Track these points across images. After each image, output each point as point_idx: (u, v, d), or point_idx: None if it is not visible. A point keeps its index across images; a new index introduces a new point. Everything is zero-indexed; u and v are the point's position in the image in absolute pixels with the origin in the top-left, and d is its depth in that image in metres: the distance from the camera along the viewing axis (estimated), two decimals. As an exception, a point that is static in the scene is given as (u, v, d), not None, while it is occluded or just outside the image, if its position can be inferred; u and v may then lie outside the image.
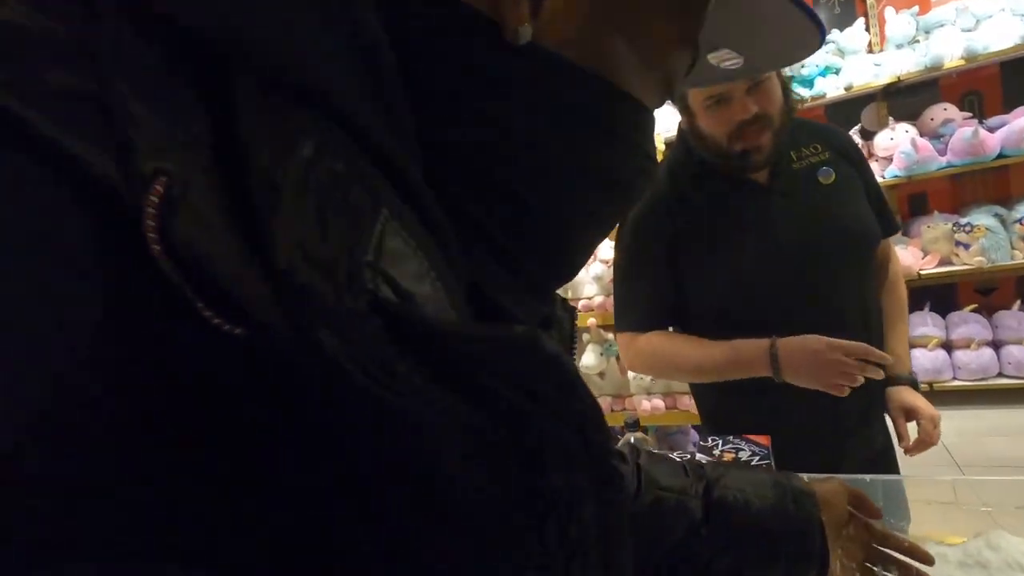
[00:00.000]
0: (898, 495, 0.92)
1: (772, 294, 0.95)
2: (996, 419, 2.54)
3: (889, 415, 1.00)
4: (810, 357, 0.87)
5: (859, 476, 0.89)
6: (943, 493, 0.89)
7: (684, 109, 0.96)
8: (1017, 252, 2.64)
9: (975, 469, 2.31)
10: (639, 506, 0.52)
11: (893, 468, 1.06)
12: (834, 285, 0.95)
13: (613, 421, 1.98)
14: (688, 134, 0.98)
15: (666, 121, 3.20)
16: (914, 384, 1.01)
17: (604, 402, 1.99)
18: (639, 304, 1.04)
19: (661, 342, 1.02)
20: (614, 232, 1.08)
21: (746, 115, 0.89)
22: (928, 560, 0.59)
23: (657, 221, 0.99)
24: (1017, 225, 2.63)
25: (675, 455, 0.94)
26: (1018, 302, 2.73)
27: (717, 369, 0.97)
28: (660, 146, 2.37)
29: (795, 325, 0.94)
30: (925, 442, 0.96)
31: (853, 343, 0.85)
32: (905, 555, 0.59)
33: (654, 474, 0.54)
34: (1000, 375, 2.70)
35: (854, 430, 0.99)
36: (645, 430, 2.11)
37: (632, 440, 1.03)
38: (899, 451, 1.10)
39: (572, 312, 0.39)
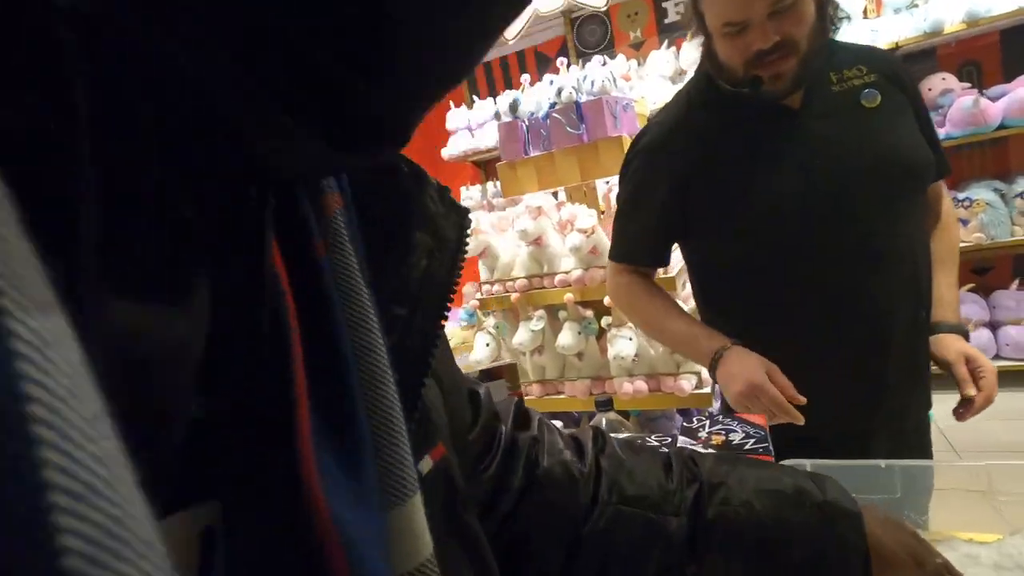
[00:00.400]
0: (920, 483, 0.78)
1: (799, 231, 0.84)
2: (994, 402, 2.45)
3: (944, 362, 0.89)
4: (741, 380, 0.84)
5: (875, 462, 0.75)
6: (974, 481, 0.75)
7: (701, 27, 0.86)
8: (1017, 228, 2.53)
9: (973, 455, 2.22)
10: (590, 525, 0.36)
11: (926, 451, 0.95)
12: (876, 222, 0.83)
13: (590, 405, 1.83)
14: (706, 58, 0.88)
15: (655, 93, 3.06)
16: (965, 333, 0.89)
17: (583, 385, 1.83)
18: (632, 237, 1.00)
19: (638, 292, 1.01)
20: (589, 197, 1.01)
21: (765, 44, 0.78)
22: None
23: (669, 151, 0.91)
24: (1018, 200, 2.52)
25: (653, 438, 0.79)
26: (1016, 282, 2.63)
27: (672, 343, 1.00)
28: (645, 112, 2.21)
29: (820, 272, 0.84)
30: (989, 398, 0.86)
31: (781, 399, 0.81)
32: None
33: (620, 477, 0.38)
34: (997, 357, 2.61)
35: (892, 395, 0.89)
36: (627, 415, 1.96)
37: (604, 423, 0.87)
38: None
39: (462, 215, 0.25)
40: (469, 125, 3.43)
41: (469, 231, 0.24)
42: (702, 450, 0.70)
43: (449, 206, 0.24)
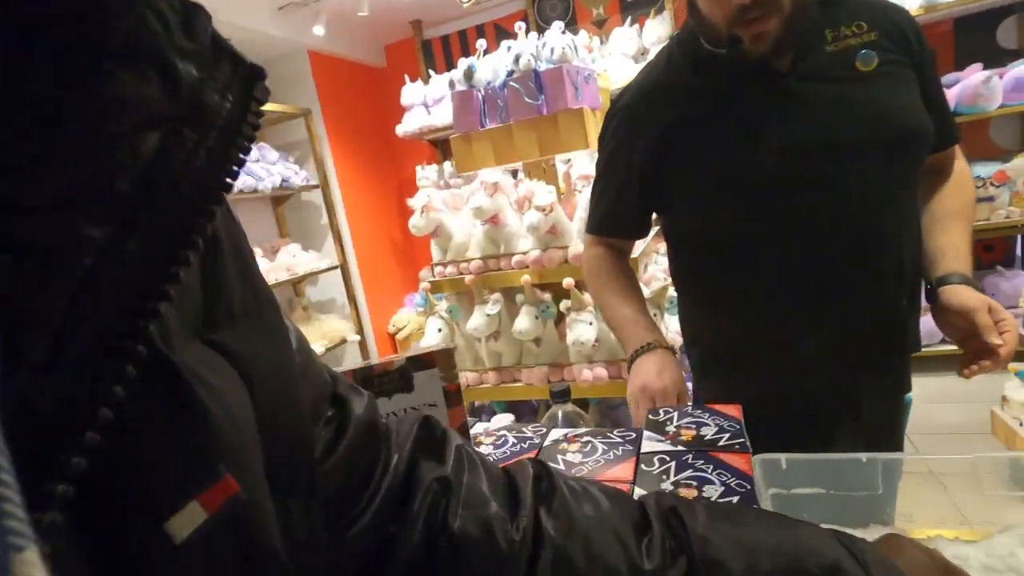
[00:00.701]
0: (895, 476, 0.72)
1: (781, 205, 0.78)
2: (940, 386, 2.51)
3: (964, 310, 0.80)
4: (645, 376, 0.82)
5: (855, 456, 0.68)
6: (960, 474, 0.70)
7: None
8: (966, 215, 2.57)
9: (926, 438, 2.27)
10: None
11: (900, 435, 0.92)
12: (863, 198, 0.77)
13: (547, 393, 1.75)
14: (689, 12, 0.82)
15: (618, 73, 2.98)
16: (977, 287, 0.82)
17: (540, 372, 1.74)
18: (608, 205, 0.96)
19: (604, 266, 0.98)
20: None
21: (745, 0, 0.72)
22: None
23: (648, 110, 0.86)
24: (968, 186, 2.56)
25: (616, 434, 0.69)
26: (963, 267, 2.69)
27: (613, 324, 0.97)
28: (608, 86, 2.11)
29: (801, 249, 0.78)
30: (1011, 352, 0.78)
31: (670, 404, 0.79)
32: None
33: (571, 546, 0.26)
34: (943, 341, 2.65)
35: (869, 379, 0.85)
36: (585, 406, 1.89)
37: (560, 416, 0.78)
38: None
39: (247, 71, 0.15)
40: (425, 101, 3.28)
41: (259, 98, 0.13)
42: (670, 447, 0.61)
43: (212, 48, 0.13)
